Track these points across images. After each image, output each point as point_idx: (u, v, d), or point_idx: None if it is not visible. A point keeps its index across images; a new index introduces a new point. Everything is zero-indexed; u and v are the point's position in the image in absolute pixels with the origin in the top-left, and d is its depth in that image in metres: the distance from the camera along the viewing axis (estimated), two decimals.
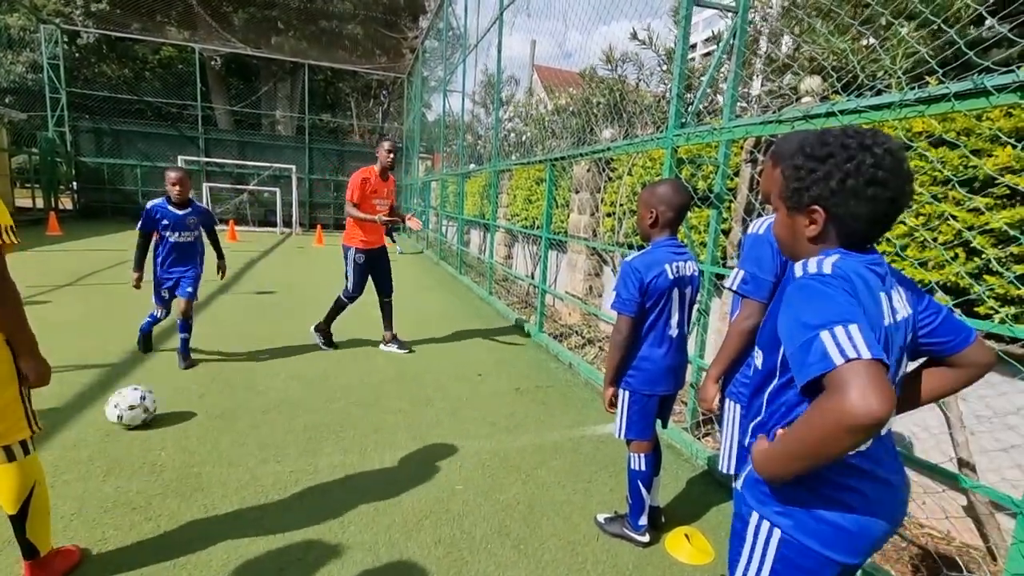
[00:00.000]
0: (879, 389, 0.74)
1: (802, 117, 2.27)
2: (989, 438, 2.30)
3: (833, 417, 0.77)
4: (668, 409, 2.26)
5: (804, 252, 1.02)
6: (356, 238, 4.38)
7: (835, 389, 0.77)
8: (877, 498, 0.97)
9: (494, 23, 7.07)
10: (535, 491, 2.53)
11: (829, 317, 0.82)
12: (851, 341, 0.78)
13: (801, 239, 1.01)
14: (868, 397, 0.74)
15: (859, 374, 0.75)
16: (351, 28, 18.77)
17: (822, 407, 0.79)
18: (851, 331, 0.79)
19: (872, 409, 0.73)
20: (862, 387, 0.74)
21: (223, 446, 2.73)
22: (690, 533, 2.21)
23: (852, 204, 0.91)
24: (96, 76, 18.79)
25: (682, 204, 1.98)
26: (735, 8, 2.87)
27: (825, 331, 0.81)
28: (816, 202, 0.95)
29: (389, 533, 2.13)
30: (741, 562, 1.05)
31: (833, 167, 0.92)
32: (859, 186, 0.90)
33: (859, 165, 0.90)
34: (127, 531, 2.02)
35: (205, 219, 3.95)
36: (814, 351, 0.81)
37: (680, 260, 2.00)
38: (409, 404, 3.47)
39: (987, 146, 2.25)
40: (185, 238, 3.78)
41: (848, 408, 0.74)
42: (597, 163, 5.52)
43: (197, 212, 3.87)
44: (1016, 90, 1.55)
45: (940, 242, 2.38)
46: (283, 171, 16.63)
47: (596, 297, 5.91)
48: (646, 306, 1.97)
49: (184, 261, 3.84)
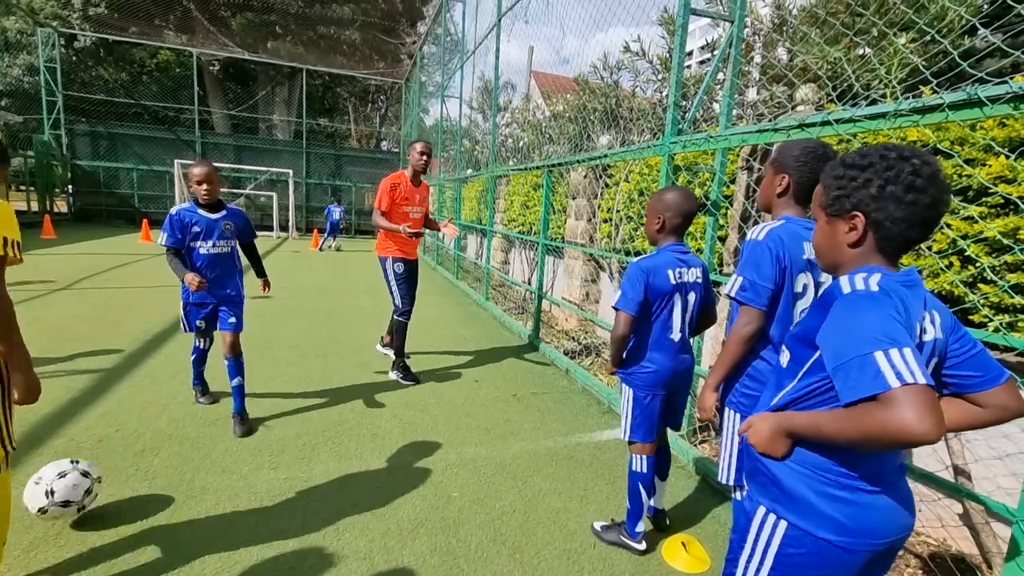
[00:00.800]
0: (935, 415, 0.80)
1: (798, 125, 2.28)
2: (984, 446, 2.31)
3: (889, 427, 0.82)
4: (677, 411, 2.27)
5: (843, 260, 1.06)
6: (390, 247, 3.96)
7: (892, 405, 0.82)
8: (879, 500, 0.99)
9: (492, 29, 7.11)
10: (531, 498, 2.52)
11: (881, 338, 0.86)
12: (906, 365, 0.83)
13: (841, 246, 1.05)
14: (926, 421, 0.80)
15: (916, 398, 0.81)
16: (349, 34, 18.84)
17: (876, 416, 0.84)
18: (905, 354, 0.84)
19: (929, 431, 0.79)
20: (920, 410, 0.80)
21: (216, 453, 2.70)
22: (687, 541, 2.20)
23: (892, 208, 0.97)
24: (93, 79, 18.77)
25: (689, 211, 2.04)
26: (731, 18, 2.90)
27: (880, 352, 0.85)
28: (857, 207, 1.01)
29: (384, 541, 2.12)
30: (743, 555, 1.08)
31: (873, 174, 0.98)
32: (898, 191, 0.96)
33: (898, 173, 0.95)
34: (118, 538, 2.00)
35: (244, 226, 3.12)
36: (868, 370, 0.85)
37: (683, 266, 2.05)
38: (405, 410, 3.45)
39: (981, 156, 2.27)
40: (221, 248, 2.97)
41: (907, 426, 0.80)
42: (594, 169, 5.54)
43: (234, 216, 3.05)
44: (1010, 101, 1.56)
45: (935, 251, 2.40)
46: (280, 175, 16.62)
47: (593, 303, 5.91)
48: (649, 308, 2.03)
49: (222, 281, 2.99)
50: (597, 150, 4.97)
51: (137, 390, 3.42)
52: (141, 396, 3.33)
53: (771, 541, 1.03)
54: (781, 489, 1.03)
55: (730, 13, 2.92)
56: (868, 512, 0.97)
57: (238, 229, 3.08)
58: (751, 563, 1.06)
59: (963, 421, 1.07)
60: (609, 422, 3.52)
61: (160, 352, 4.18)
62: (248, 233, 3.17)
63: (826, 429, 0.95)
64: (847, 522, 0.97)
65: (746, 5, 2.90)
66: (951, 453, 2.30)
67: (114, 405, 3.17)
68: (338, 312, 6.24)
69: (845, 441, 0.93)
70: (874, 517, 0.98)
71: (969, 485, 2.19)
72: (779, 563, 1.02)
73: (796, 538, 1.00)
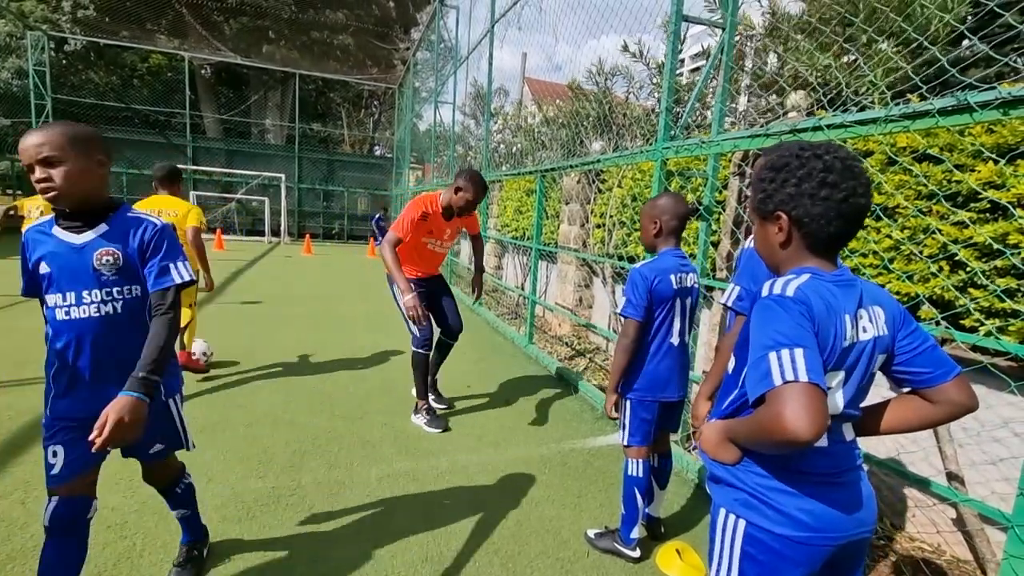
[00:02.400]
0: (811, 412, 0.82)
1: (790, 131, 2.29)
2: (976, 450, 2.31)
3: (769, 427, 0.86)
4: (675, 416, 2.25)
5: (778, 260, 1.08)
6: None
7: (772, 404, 0.86)
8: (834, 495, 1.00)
9: (485, 35, 7.13)
10: (524, 507, 2.49)
11: (778, 340, 0.89)
12: (793, 364, 0.85)
13: (774, 248, 1.07)
14: (800, 419, 0.81)
15: (793, 396, 0.83)
16: (342, 39, 18.85)
17: (761, 417, 0.89)
18: (795, 354, 0.86)
19: (801, 429, 0.81)
20: (795, 408, 0.82)
21: (203, 461, 2.65)
22: (681, 548, 2.17)
23: (808, 205, 0.98)
24: (83, 83, 18.60)
25: (683, 212, 2.06)
26: (723, 24, 2.91)
27: (772, 352, 0.88)
28: (779, 208, 1.03)
29: (375, 551, 2.07)
30: (714, 559, 1.09)
31: (788, 174, 1.01)
32: (812, 188, 0.98)
33: (811, 171, 0.98)
34: (100, 550, 1.94)
35: (152, 252, 1.50)
36: (761, 370, 0.89)
37: (684, 272, 2.06)
38: (396, 417, 3.41)
39: (970, 161, 2.29)
40: (95, 308, 1.44)
41: (781, 424, 0.83)
42: (587, 175, 5.54)
43: (123, 232, 1.47)
44: (999, 107, 1.57)
45: (926, 255, 2.41)
46: (272, 180, 16.54)
47: (586, 308, 5.90)
48: (652, 314, 2.03)
49: (105, 375, 1.47)
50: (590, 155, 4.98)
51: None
52: None
53: (734, 541, 1.04)
54: (737, 490, 1.05)
55: (723, 20, 2.93)
56: (824, 507, 0.98)
57: (128, 262, 1.46)
58: (721, 566, 1.07)
59: (916, 419, 1.07)
60: (603, 428, 3.50)
61: None
62: (162, 272, 1.48)
63: (740, 433, 1.01)
64: (804, 517, 0.97)
65: (737, 12, 2.92)
66: (944, 458, 2.30)
67: None
68: (330, 318, 6.18)
69: (754, 444, 0.98)
70: (831, 512, 0.98)
71: (963, 490, 2.18)
72: (744, 562, 1.03)
73: (755, 536, 1.01)
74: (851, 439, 1.06)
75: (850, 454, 1.05)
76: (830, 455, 1.01)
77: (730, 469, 1.06)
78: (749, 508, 1.02)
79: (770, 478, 1.01)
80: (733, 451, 1.05)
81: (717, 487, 1.11)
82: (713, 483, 1.13)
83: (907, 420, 1.07)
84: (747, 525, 1.02)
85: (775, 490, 1.00)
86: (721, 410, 1.12)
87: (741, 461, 1.04)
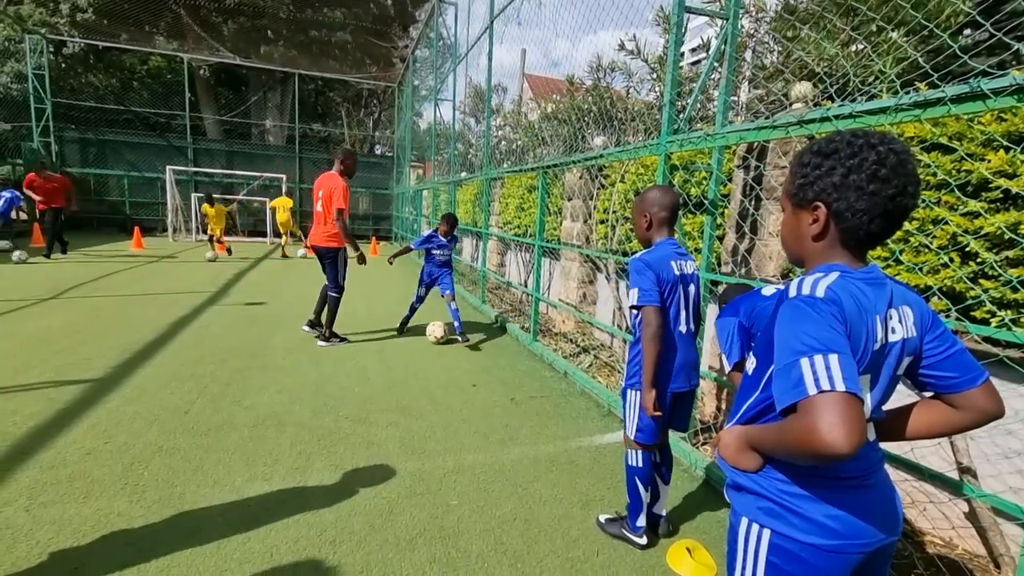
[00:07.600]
0: (847, 424, 0.76)
1: (796, 122, 2.25)
2: (988, 443, 2.28)
3: (802, 439, 0.80)
4: (686, 409, 2.23)
5: (807, 253, 1.01)
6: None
7: (806, 414, 0.80)
8: (863, 499, 0.95)
9: (484, 32, 7.08)
10: (532, 506, 2.47)
11: (811, 344, 0.83)
12: (828, 372, 0.79)
13: (804, 238, 1.01)
14: (835, 431, 0.76)
15: (830, 406, 0.77)
16: (341, 36, 18.78)
17: (793, 427, 0.82)
18: (830, 361, 0.80)
19: (839, 443, 0.75)
20: (832, 421, 0.76)
21: (208, 464, 2.63)
22: (692, 546, 2.15)
23: (853, 199, 0.91)
24: (83, 86, 18.57)
25: (672, 203, 2.06)
26: (726, 15, 2.87)
27: (805, 358, 0.82)
28: (819, 197, 0.96)
29: (382, 553, 2.06)
30: (736, 570, 1.04)
31: (837, 162, 0.93)
32: (861, 181, 0.90)
33: (862, 161, 0.90)
34: (106, 557, 1.93)
35: None
36: (792, 377, 0.82)
37: (682, 259, 2.06)
38: (401, 416, 3.39)
39: (980, 150, 2.25)
40: None
41: (818, 436, 0.77)
42: (589, 170, 5.51)
43: None
44: (1013, 93, 1.54)
45: (936, 246, 2.37)
46: (273, 180, 16.51)
47: (590, 305, 5.87)
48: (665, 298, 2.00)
49: None
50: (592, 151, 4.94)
51: (126, 401, 3.34)
52: (130, 407, 3.25)
53: (759, 552, 0.98)
54: (760, 498, 0.99)
55: (726, 10, 2.89)
56: (854, 512, 0.93)
57: None
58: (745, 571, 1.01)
59: (940, 426, 1.02)
60: (610, 425, 3.47)
61: (151, 362, 4.10)
62: None
63: (765, 442, 0.94)
64: (833, 524, 0.92)
65: (741, 2, 2.88)
66: (956, 451, 2.27)
67: (103, 417, 3.10)
68: None
69: (783, 454, 0.91)
70: (861, 517, 0.94)
71: (975, 484, 2.15)
72: (770, 573, 0.97)
73: (782, 546, 0.95)
74: (874, 439, 1.03)
75: (875, 454, 1.01)
76: (859, 457, 0.96)
77: (751, 476, 1.01)
78: (773, 516, 0.97)
79: (795, 484, 0.95)
80: (754, 458, 0.99)
81: (737, 495, 1.05)
82: (733, 491, 1.07)
83: (934, 425, 1.03)
84: (772, 534, 0.96)
85: (801, 496, 0.94)
86: (740, 414, 1.07)
87: (763, 468, 0.99)
